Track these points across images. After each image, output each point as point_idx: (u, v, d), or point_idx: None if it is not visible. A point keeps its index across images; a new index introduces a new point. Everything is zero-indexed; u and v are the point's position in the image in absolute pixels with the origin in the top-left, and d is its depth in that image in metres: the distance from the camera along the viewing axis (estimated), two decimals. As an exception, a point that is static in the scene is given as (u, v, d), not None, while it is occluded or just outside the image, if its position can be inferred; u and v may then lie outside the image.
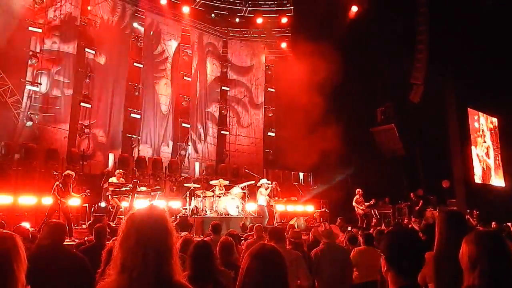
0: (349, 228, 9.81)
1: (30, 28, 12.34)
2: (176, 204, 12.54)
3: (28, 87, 12.29)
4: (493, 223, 11.98)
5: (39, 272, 3.12)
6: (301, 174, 17.39)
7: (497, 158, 22.86)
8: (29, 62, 12.37)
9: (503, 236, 2.09)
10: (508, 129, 22.55)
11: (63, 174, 9.38)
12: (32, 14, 12.50)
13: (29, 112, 12.20)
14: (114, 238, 4.01)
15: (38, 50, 12.57)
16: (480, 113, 22.01)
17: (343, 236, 7.18)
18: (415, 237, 2.08)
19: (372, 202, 13.87)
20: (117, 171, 11.21)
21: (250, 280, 1.93)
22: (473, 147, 20.94)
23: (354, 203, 13.83)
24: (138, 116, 14.97)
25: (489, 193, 20.01)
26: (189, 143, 16.41)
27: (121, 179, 10.85)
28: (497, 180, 22.44)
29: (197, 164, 16.10)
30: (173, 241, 1.79)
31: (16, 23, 12.18)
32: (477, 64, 17.82)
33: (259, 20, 17.62)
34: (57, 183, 9.02)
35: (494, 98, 19.83)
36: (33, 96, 12.39)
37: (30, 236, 5.20)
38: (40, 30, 12.52)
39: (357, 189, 13.96)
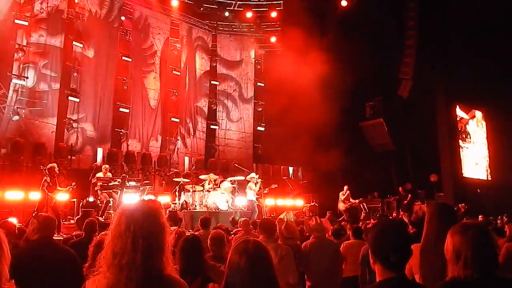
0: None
1: (16, 21, 12.10)
2: (165, 198, 12.51)
3: (14, 80, 12.07)
4: (480, 216, 12.13)
5: (26, 267, 3.09)
6: (290, 169, 17.43)
7: (484, 152, 23.16)
8: (15, 55, 12.16)
9: (488, 228, 2.09)
10: (494, 124, 22.86)
11: (46, 168, 9.25)
12: (18, 6, 12.27)
13: (15, 106, 12.00)
14: (102, 232, 3.99)
15: (24, 43, 12.36)
16: (468, 107, 22.23)
17: (333, 230, 7.21)
18: (401, 229, 2.07)
19: (357, 201, 14.04)
20: (103, 166, 11.14)
21: (236, 275, 1.93)
22: (460, 142, 21.19)
23: (340, 198, 13.96)
24: (127, 111, 14.86)
25: (476, 187, 20.28)
26: (178, 137, 16.34)
27: (108, 173, 10.79)
28: (484, 174, 22.74)
29: (186, 159, 16.06)
30: (165, 235, 1.77)
31: (2, 15, 11.96)
32: (466, 59, 17.99)
33: (249, 14, 17.53)
34: (45, 178, 8.93)
35: (482, 93, 20.04)
36: (19, 90, 12.19)
37: (17, 231, 5.14)
38: (26, 23, 12.29)
39: (345, 186, 14.07)
